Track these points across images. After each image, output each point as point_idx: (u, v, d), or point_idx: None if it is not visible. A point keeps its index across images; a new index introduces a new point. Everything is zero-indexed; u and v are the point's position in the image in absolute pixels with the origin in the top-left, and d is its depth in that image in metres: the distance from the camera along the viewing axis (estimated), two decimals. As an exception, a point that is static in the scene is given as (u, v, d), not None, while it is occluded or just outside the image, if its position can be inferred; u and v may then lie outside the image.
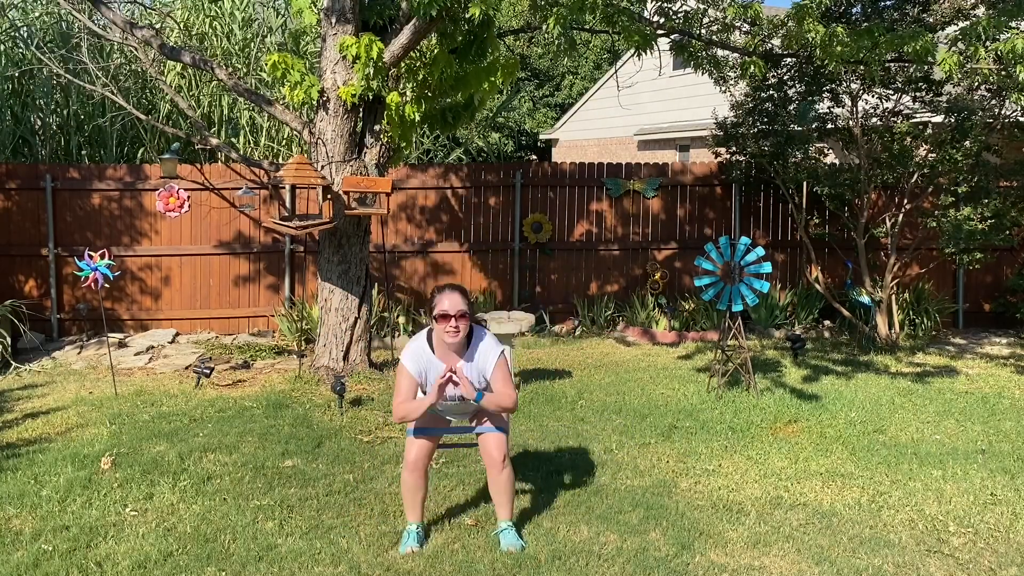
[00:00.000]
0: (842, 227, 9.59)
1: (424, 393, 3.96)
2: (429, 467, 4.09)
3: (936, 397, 6.78)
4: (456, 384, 3.84)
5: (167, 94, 9.53)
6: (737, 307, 6.66)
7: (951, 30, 6.63)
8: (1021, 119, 8.54)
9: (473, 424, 4.15)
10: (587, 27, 8.42)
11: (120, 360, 7.91)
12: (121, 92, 9.26)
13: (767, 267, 6.58)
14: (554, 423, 6.02)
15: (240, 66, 11.79)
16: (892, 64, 8.00)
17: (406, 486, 4.01)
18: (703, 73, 7.71)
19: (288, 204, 6.75)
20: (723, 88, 8.33)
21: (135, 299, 9.25)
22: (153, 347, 8.54)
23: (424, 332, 3.99)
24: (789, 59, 8.41)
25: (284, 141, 11.77)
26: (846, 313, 9.08)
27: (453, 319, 3.78)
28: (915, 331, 9.23)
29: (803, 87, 8.86)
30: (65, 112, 11.35)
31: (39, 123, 11.35)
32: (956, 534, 4.25)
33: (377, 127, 7.13)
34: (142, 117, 7.76)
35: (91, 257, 6.76)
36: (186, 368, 7.73)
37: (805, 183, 9.23)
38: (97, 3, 7.35)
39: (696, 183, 10.22)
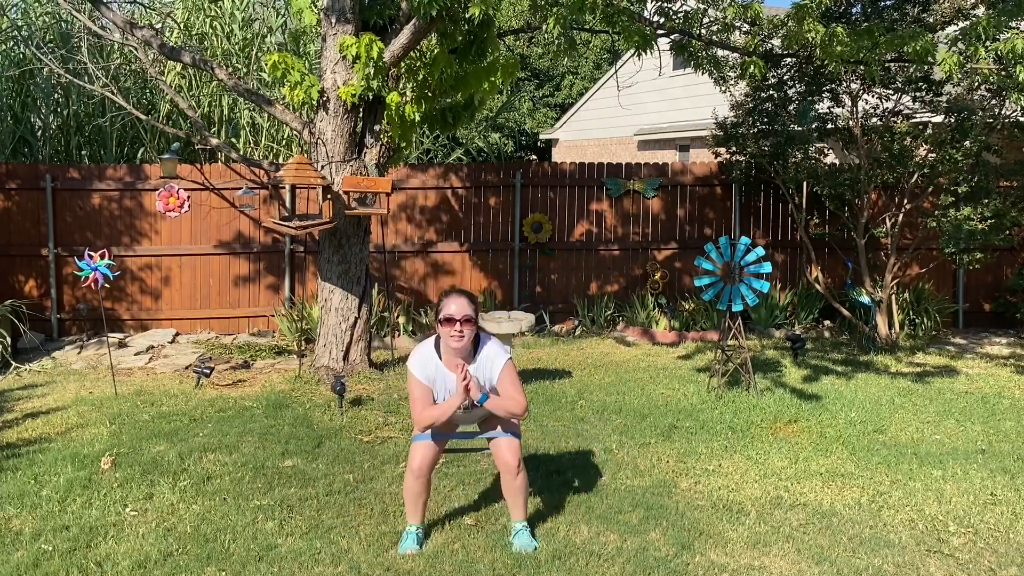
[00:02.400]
0: (842, 227, 9.59)
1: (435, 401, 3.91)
2: (433, 472, 4.08)
3: (936, 397, 6.78)
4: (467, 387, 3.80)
5: (167, 94, 9.53)
6: (737, 307, 6.66)
7: (951, 30, 6.63)
8: (1021, 119, 8.53)
9: (482, 429, 4.14)
10: (587, 27, 8.42)
11: (120, 360, 7.91)
12: (121, 92, 9.27)
13: (767, 267, 6.58)
14: (554, 423, 6.02)
15: (240, 66, 11.79)
16: (892, 64, 7.99)
17: (409, 491, 3.98)
18: (703, 73, 7.71)
19: (288, 204, 6.75)
20: (723, 88, 8.33)
21: (135, 299, 9.26)
22: (153, 347, 8.54)
23: (431, 339, 3.95)
24: (789, 59, 8.41)
25: (284, 141, 11.77)
26: (846, 313, 9.08)
27: (458, 323, 3.73)
28: (915, 331, 9.22)
29: (803, 87, 8.86)
30: (65, 112, 11.35)
31: (39, 123, 11.35)
32: (956, 534, 4.25)
33: (377, 127, 7.13)
34: (142, 117, 7.76)
35: (91, 257, 6.76)
36: (186, 368, 7.73)
37: (805, 183, 9.23)
38: (97, 3, 7.35)
39: (696, 183, 10.22)
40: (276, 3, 12.74)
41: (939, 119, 8.55)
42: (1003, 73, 6.15)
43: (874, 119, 8.78)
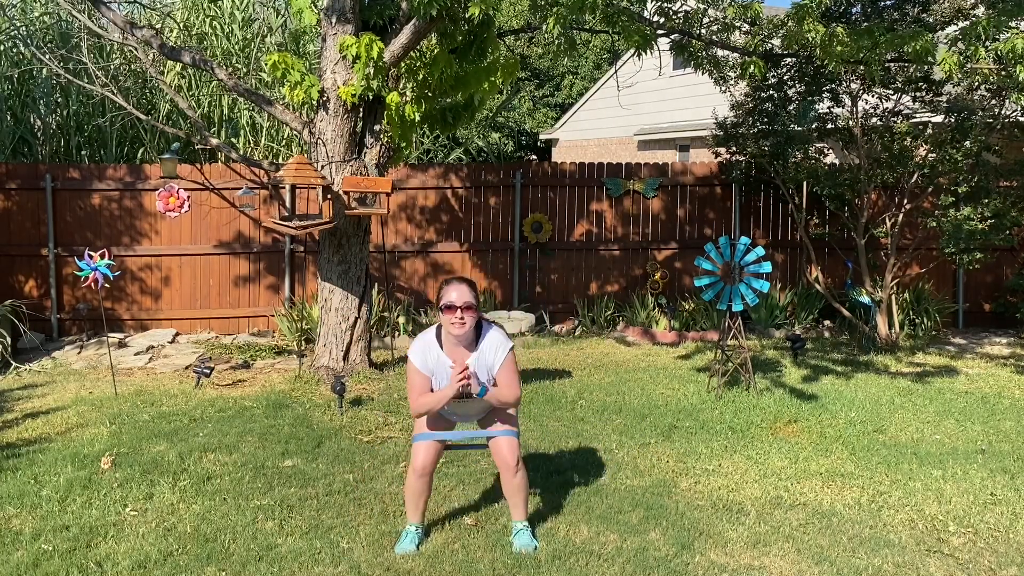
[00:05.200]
0: (842, 227, 9.59)
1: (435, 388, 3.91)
2: (435, 471, 4.08)
3: (936, 397, 6.78)
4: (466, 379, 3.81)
5: (167, 94, 9.54)
6: (737, 307, 6.66)
7: (951, 30, 6.63)
8: (1021, 119, 8.53)
9: (482, 426, 4.14)
10: (587, 27, 8.43)
11: (120, 360, 7.91)
12: (121, 92, 9.26)
13: (767, 267, 6.58)
14: (554, 423, 6.02)
15: (240, 66, 11.79)
16: (892, 64, 8.00)
17: (411, 490, 3.99)
18: (703, 73, 7.71)
19: (288, 204, 6.74)
20: (723, 88, 8.33)
21: (135, 299, 9.25)
22: (153, 347, 8.54)
23: (433, 328, 3.97)
24: (789, 59, 8.41)
25: (284, 141, 11.77)
26: (846, 313, 9.08)
27: (459, 310, 3.74)
28: (915, 331, 9.22)
29: (803, 87, 8.86)
30: (65, 112, 11.35)
31: (39, 123, 11.35)
32: (956, 534, 4.25)
33: (377, 127, 7.13)
34: (142, 117, 7.76)
35: (91, 257, 6.76)
36: (186, 368, 7.72)
37: (805, 183, 9.23)
38: (97, 3, 7.35)
39: (696, 183, 10.22)
40: (276, 3, 12.74)
41: (939, 119, 8.55)
42: (1003, 73, 6.15)
43: (874, 119, 8.77)
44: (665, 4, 7.28)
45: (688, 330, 9.27)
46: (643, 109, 18.17)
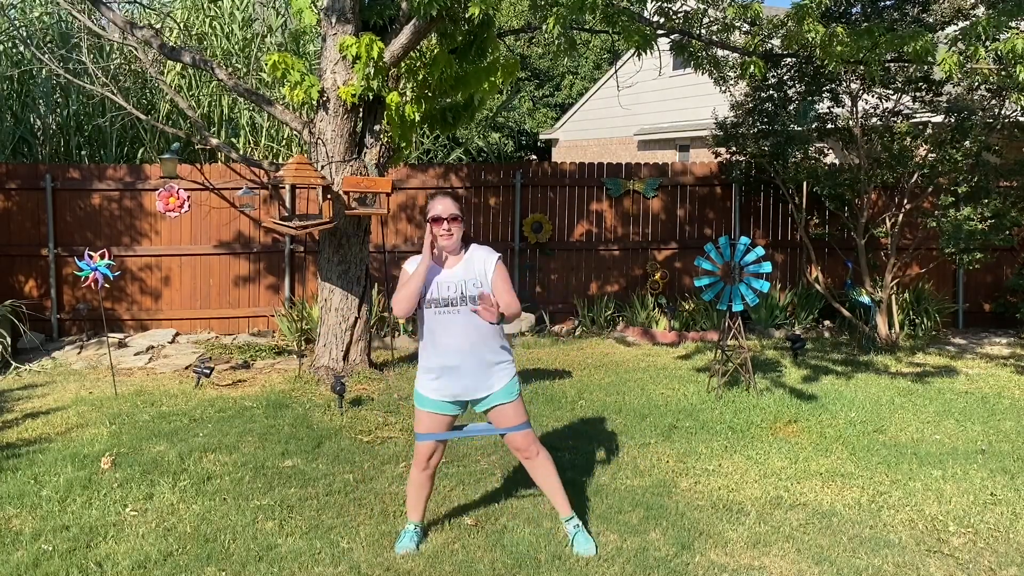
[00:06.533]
0: (842, 227, 9.59)
1: (425, 298, 3.88)
2: (438, 467, 4.09)
3: (936, 397, 6.78)
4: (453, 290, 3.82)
5: (167, 94, 9.53)
6: (737, 307, 6.66)
7: (951, 30, 6.64)
8: (1021, 119, 8.53)
9: (496, 426, 4.12)
10: (587, 27, 8.43)
11: (120, 360, 7.91)
12: (121, 92, 9.27)
13: (767, 267, 6.59)
14: (554, 423, 6.02)
15: (240, 66, 11.80)
16: (892, 64, 8.00)
17: (413, 483, 4.01)
18: (703, 73, 7.71)
19: (288, 204, 6.74)
20: (723, 88, 8.33)
21: (135, 299, 9.25)
22: (153, 347, 8.54)
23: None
24: (789, 59, 8.41)
25: (284, 141, 11.77)
26: (846, 313, 9.08)
27: (446, 222, 3.86)
28: (915, 331, 9.22)
29: (803, 87, 8.86)
30: (65, 112, 11.36)
31: (39, 123, 11.35)
32: (956, 534, 4.25)
33: (377, 127, 7.13)
34: (142, 117, 7.76)
35: (91, 257, 6.76)
36: (186, 368, 7.73)
37: (805, 183, 9.23)
38: (97, 3, 7.35)
39: (696, 183, 10.22)
40: (276, 3, 12.74)
41: (939, 119, 8.55)
42: (1003, 73, 6.15)
43: (874, 119, 8.77)
44: (665, 4, 7.28)
45: (688, 330, 9.27)
46: (643, 109, 18.17)
